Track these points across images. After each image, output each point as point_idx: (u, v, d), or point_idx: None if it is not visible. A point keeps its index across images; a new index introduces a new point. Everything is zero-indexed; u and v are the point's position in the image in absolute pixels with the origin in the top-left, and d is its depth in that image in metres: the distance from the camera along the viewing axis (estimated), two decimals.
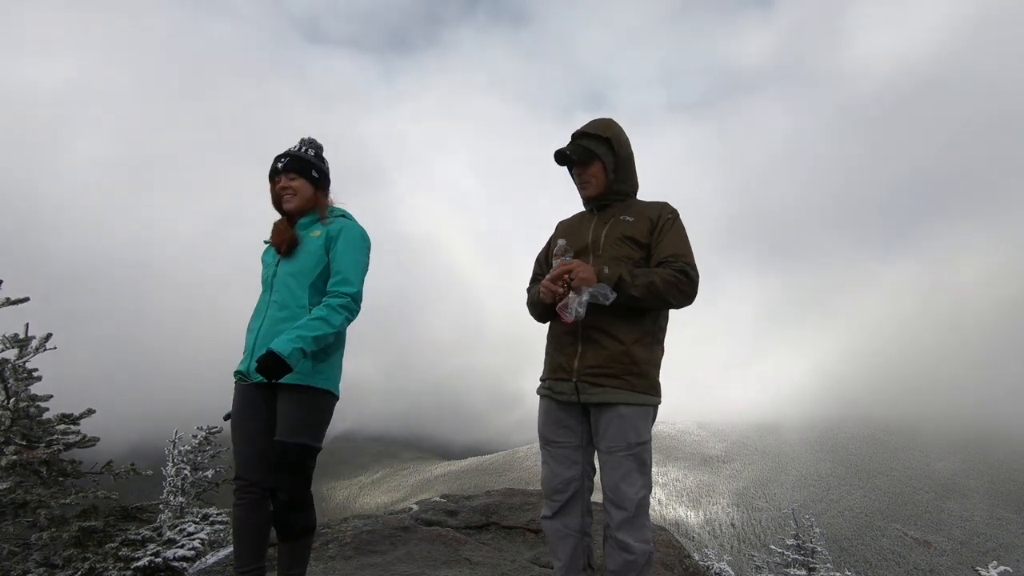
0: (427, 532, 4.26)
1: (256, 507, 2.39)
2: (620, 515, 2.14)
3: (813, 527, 14.21)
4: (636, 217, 2.34)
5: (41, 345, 4.88)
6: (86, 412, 5.08)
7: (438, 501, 5.28)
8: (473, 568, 3.69)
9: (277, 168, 2.61)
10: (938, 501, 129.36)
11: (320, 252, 2.51)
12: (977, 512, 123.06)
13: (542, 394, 2.39)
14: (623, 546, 2.12)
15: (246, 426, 2.42)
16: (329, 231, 2.55)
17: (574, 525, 2.30)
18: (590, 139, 2.37)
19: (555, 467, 2.31)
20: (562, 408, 2.31)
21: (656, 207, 2.38)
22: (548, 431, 2.34)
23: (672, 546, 4.40)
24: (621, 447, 2.16)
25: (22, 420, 4.77)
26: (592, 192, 2.41)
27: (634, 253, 2.28)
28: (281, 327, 2.38)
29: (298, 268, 2.49)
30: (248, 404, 2.44)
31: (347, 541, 3.95)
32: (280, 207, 2.64)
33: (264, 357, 2.19)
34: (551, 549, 2.32)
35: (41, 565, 4.55)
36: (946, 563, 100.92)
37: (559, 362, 2.29)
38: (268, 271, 2.60)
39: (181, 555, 4.69)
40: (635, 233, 2.30)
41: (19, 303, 4.71)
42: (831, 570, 13.70)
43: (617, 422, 2.18)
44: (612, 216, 2.38)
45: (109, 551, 4.68)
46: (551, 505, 2.31)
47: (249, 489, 2.38)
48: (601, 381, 2.19)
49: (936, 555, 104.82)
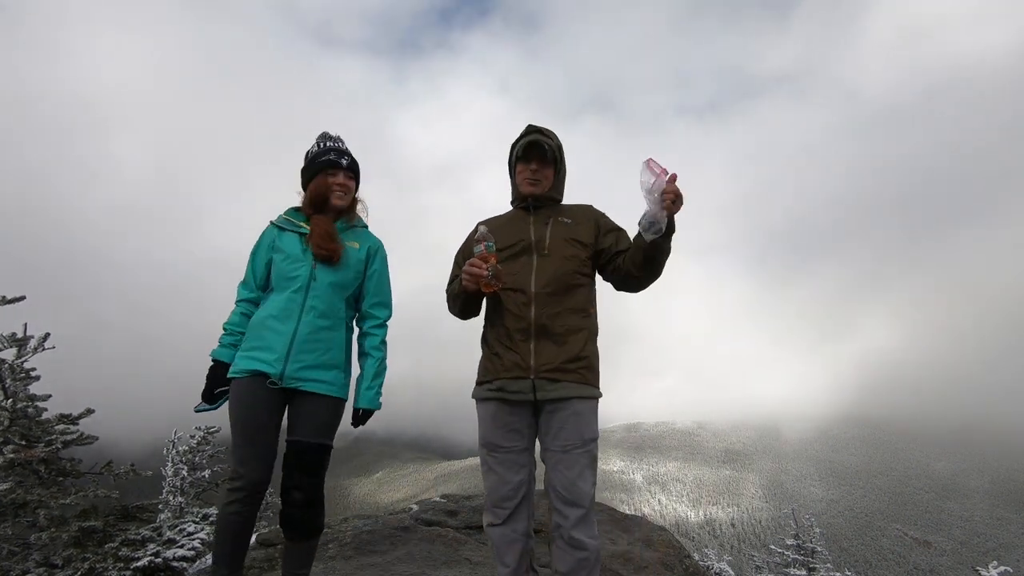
0: (427, 532, 4.25)
1: (252, 507, 2.35)
2: (576, 513, 2.14)
3: (813, 527, 14.21)
4: (574, 219, 2.43)
5: (39, 345, 4.88)
6: (85, 412, 5.08)
7: (438, 501, 5.28)
8: (473, 568, 3.68)
9: (341, 163, 2.52)
10: (938, 501, 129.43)
11: (360, 267, 2.57)
12: (977, 512, 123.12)
13: (488, 397, 2.31)
14: (577, 544, 2.11)
15: (259, 427, 2.33)
16: (370, 247, 2.62)
17: (521, 529, 2.28)
18: (549, 140, 2.45)
19: (503, 473, 2.27)
20: (511, 410, 2.27)
21: (587, 209, 2.51)
22: (495, 436, 2.29)
23: (672, 546, 4.39)
24: (576, 444, 2.18)
25: (20, 420, 4.76)
26: (539, 191, 2.45)
27: (580, 253, 2.37)
28: (322, 335, 2.42)
29: (340, 280, 2.48)
30: (265, 406, 2.35)
31: (347, 541, 3.95)
32: (321, 201, 2.52)
33: (362, 417, 2.49)
34: (497, 555, 2.29)
35: (41, 565, 4.55)
36: (946, 563, 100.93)
37: (513, 360, 2.25)
38: (295, 268, 2.45)
39: (181, 555, 4.69)
40: (578, 235, 2.40)
41: (15, 302, 4.71)
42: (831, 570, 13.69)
43: (573, 419, 2.19)
44: (549, 217, 2.44)
45: (109, 551, 4.68)
46: (499, 513, 2.27)
47: (248, 489, 2.33)
48: (558, 376, 2.21)
49: (936, 555, 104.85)
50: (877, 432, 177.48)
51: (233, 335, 2.48)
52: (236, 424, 2.33)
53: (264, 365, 2.34)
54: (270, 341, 2.38)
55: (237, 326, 2.49)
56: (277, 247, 2.51)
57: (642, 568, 3.87)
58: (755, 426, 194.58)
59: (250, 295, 2.53)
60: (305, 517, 2.33)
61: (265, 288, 2.56)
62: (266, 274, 2.54)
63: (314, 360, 2.40)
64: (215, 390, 2.40)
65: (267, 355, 2.36)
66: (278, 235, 2.54)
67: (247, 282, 2.55)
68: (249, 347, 2.40)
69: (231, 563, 2.35)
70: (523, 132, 2.49)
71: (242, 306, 2.53)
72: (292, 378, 2.36)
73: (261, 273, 2.54)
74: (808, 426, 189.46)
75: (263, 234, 2.58)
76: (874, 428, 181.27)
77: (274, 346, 2.37)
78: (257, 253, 2.55)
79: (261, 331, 2.41)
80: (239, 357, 2.41)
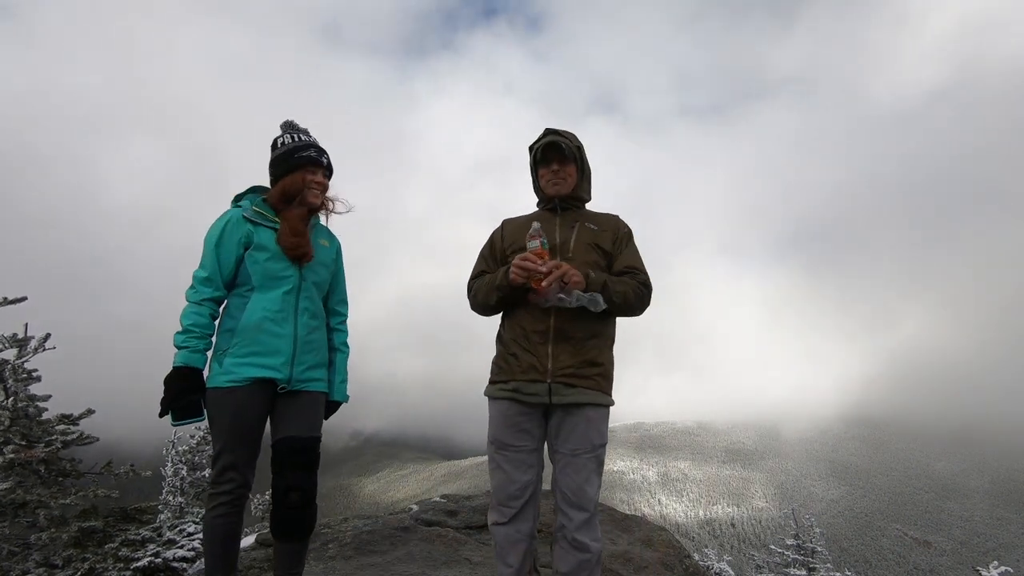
0: (427, 532, 4.25)
1: (240, 510, 2.30)
2: (581, 516, 2.15)
3: (813, 527, 14.21)
4: (599, 226, 2.45)
5: (40, 345, 4.88)
6: (86, 412, 5.08)
7: (438, 501, 5.28)
8: (473, 568, 3.68)
9: (321, 162, 2.44)
10: (938, 501, 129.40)
11: (333, 266, 2.61)
12: (977, 512, 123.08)
13: (502, 396, 2.31)
14: (580, 546, 2.13)
15: (253, 432, 2.28)
16: (337, 246, 2.66)
17: (526, 529, 2.28)
18: (568, 140, 2.45)
19: (511, 472, 2.27)
20: (523, 411, 2.27)
21: (613, 219, 2.52)
22: (505, 435, 2.29)
23: (672, 546, 4.40)
24: (586, 449, 2.20)
25: (21, 420, 4.76)
26: (564, 190, 2.44)
27: (600, 260, 2.37)
28: (315, 336, 2.45)
29: (321, 280, 2.51)
30: (260, 412, 2.29)
31: (347, 541, 3.95)
32: (295, 197, 2.41)
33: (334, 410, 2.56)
34: (500, 554, 2.29)
35: (41, 565, 4.55)
36: (946, 563, 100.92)
37: (530, 363, 2.25)
38: (284, 268, 2.35)
39: (181, 555, 4.69)
40: (601, 241, 2.40)
41: (16, 303, 4.71)
42: (831, 570, 13.69)
43: (584, 425, 2.21)
44: (576, 221, 2.44)
45: (109, 551, 4.68)
46: (505, 511, 2.28)
47: (238, 492, 2.27)
48: (574, 382, 2.21)
49: (936, 555, 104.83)
50: (877, 432, 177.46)
51: (204, 338, 2.24)
52: (230, 430, 2.23)
53: (271, 372, 2.26)
54: (273, 346, 2.27)
55: (206, 328, 2.25)
56: (257, 244, 2.32)
57: (642, 568, 3.87)
58: (756, 426, 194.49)
59: (215, 294, 2.29)
60: (305, 517, 2.29)
61: (231, 287, 2.35)
62: (235, 271, 2.32)
63: (312, 361, 2.41)
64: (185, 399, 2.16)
65: (272, 361, 2.27)
66: (253, 230, 2.33)
67: (212, 279, 2.28)
68: (247, 353, 2.24)
69: (225, 567, 2.29)
70: (540, 135, 2.49)
71: (208, 306, 2.27)
72: (297, 380, 2.34)
73: (229, 271, 2.30)
74: (808, 426, 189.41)
75: (228, 224, 2.32)
76: (874, 428, 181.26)
77: (278, 351, 2.28)
78: (223, 246, 2.29)
79: (257, 336, 2.26)
80: (235, 365, 2.23)
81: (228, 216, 2.35)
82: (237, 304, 2.33)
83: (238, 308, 2.32)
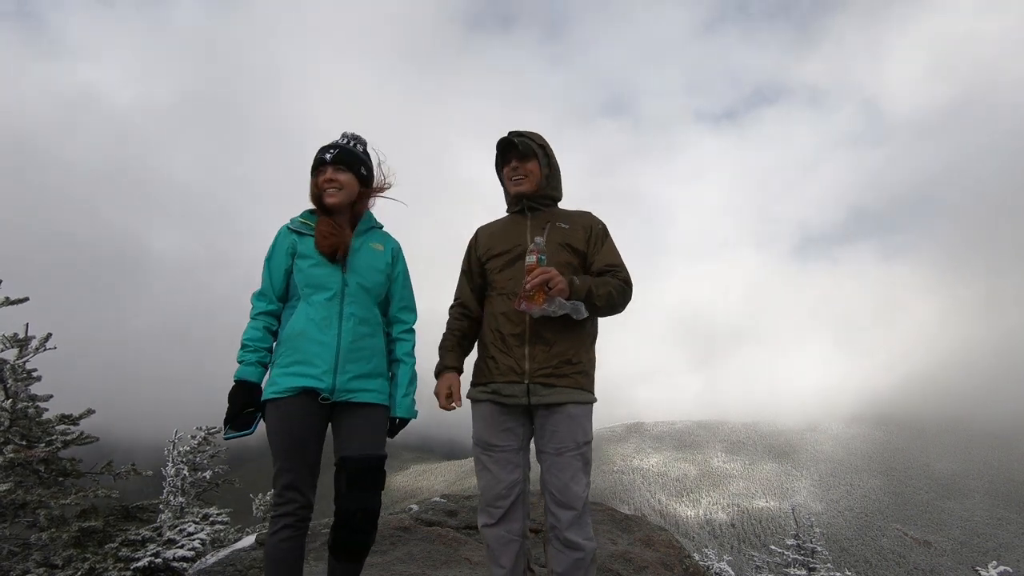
0: (427, 532, 4.26)
1: (303, 533, 2.14)
2: (569, 515, 2.15)
3: (813, 527, 14.20)
4: (570, 224, 2.41)
5: (41, 345, 4.88)
6: (86, 412, 5.09)
7: (438, 501, 5.28)
8: (473, 568, 3.69)
9: (324, 159, 2.35)
10: (938, 501, 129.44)
11: (387, 270, 2.43)
12: (977, 512, 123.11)
13: (483, 398, 2.33)
14: (572, 545, 2.13)
15: (309, 448, 2.15)
16: (393, 248, 2.49)
17: (516, 530, 2.28)
18: (527, 139, 2.44)
19: (497, 472, 2.27)
20: (505, 412, 2.29)
21: (585, 216, 2.48)
22: (489, 435, 2.30)
23: (672, 546, 4.40)
24: (570, 447, 2.19)
25: (21, 420, 4.77)
26: (526, 188, 2.42)
27: (573, 259, 2.35)
28: (365, 343, 2.29)
29: (370, 284, 2.36)
30: (313, 425, 2.18)
31: None
32: (321, 203, 2.35)
33: (399, 427, 2.37)
34: (492, 556, 2.28)
35: (41, 565, 4.55)
36: (946, 563, 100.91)
37: (508, 364, 2.27)
38: (326, 274, 2.28)
39: (181, 555, 4.70)
40: (572, 240, 2.37)
41: (18, 303, 4.72)
42: (831, 570, 13.68)
43: (566, 423, 2.21)
44: (547, 221, 2.40)
45: (109, 551, 4.69)
46: (493, 512, 2.28)
47: (301, 514, 2.12)
48: (552, 381, 2.22)
49: (936, 555, 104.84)
50: (877, 432, 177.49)
51: (258, 351, 2.23)
52: (284, 447, 2.12)
53: (312, 381, 2.16)
54: (313, 354, 2.19)
55: (260, 342, 2.25)
56: (300, 252, 2.30)
57: (642, 568, 3.87)
58: (756, 426, 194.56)
59: (269, 307, 2.30)
60: (369, 537, 2.19)
61: (284, 299, 2.34)
62: (285, 283, 2.32)
63: (360, 370, 2.25)
64: (243, 412, 2.15)
65: (313, 369, 2.17)
66: (297, 240, 2.32)
67: (264, 293, 2.31)
68: (289, 362, 2.19)
69: None
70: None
71: (262, 319, 2.28)
72: (343, 391, 2.20)
73: (280, 282, 2.31)
74: (809, 426, 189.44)
75: (277, 238, 2.36)
76: (873, 427, 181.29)
77: (319, 359, 2.19)
78: (273, 259, 2.32)
79: (299, 343, 2.20)
80: (279, 375, 2.19)
81: (279, 231, 2.39)
82: (287, 315, 2.32)
83: (287, 318, 2.31)
